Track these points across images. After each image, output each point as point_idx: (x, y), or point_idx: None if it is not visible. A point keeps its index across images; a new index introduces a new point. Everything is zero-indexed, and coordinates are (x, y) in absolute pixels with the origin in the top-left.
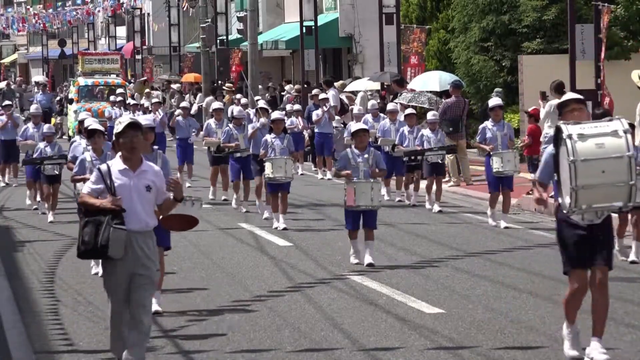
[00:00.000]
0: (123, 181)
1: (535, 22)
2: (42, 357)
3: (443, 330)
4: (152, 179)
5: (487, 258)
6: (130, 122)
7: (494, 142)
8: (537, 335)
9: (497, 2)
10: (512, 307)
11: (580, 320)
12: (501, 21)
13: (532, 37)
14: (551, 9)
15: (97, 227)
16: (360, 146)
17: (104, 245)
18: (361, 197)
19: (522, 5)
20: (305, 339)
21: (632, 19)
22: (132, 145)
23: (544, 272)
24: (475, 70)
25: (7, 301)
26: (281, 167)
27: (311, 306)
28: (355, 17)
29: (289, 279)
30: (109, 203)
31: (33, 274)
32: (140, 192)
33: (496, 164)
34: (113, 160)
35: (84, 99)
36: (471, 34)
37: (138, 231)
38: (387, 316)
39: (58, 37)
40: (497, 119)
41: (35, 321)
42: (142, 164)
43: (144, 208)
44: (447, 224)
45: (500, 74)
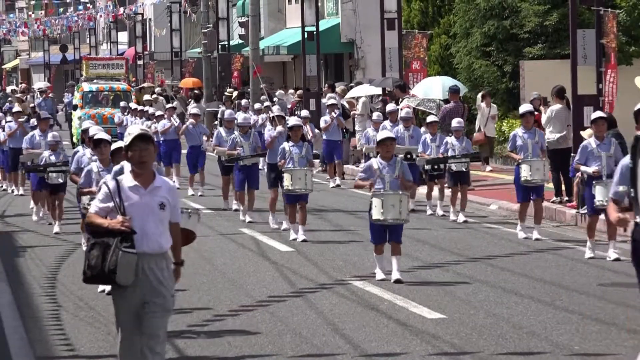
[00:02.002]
0: (134, 199)
1: (536, 28)
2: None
3: (444, 336)
4: (166, 196)
5: (488, 263)
6: (140, 133)
7: (524, 151)
8: (538, 341)
9: (498, 7)
10: (514, 313)
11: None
12: (503, 26)
13: (534, 43)
14: (553, 14)
15: (105, 250)
16: (387, 156)
17: (112, 270)
18: (390, 210)
19: (524, 11)
20: (307, 344)
21: (634, 24)
22: (141, 159)
23: (545, 277)
24: (477, 75)
25: (8, 306)
26: (301, 179)
27: (312, 311)
28: (356, 23)
29: (290, 284)
30: (118, 224)
31: (34, 280)
32: (153, 210)
33: (524, 172)
34: (123, 176)
35: (89, 105)
36: (473, 39)
37: (150, 254)
38: (388, 321)
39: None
40: (528, 126)
41: (37, 326)
42: (155, 180)
43: (157, 228)
44: (449, 229)
45: (502, 79)
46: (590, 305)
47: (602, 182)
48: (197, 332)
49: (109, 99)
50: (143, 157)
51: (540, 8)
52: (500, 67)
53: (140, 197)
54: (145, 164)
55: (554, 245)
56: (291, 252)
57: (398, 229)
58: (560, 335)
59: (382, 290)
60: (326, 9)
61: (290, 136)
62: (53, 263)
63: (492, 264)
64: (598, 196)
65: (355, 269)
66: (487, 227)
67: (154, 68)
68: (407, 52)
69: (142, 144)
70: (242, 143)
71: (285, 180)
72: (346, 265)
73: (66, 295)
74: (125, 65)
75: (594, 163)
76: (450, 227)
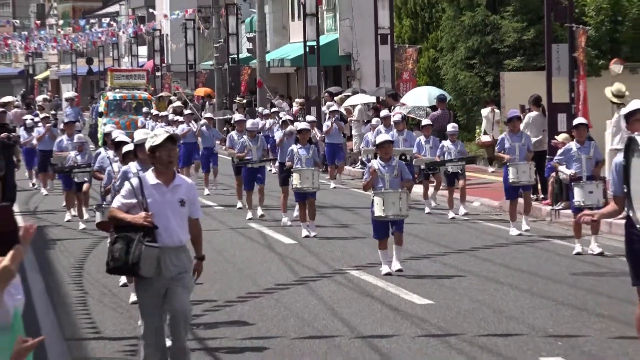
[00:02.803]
0: (156, 197)
1: (515, 42)
2: (71, 343)
3: (432, 320)
4: (186, 193)
5: (471, 255)
6: (170, 135)
7: (512, 153)
8: (516, 324)
9: (481, 24)
10: (494, 299)
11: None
12: (485, 41)
13: (513, 56)
14: (530, 30)
15: (128, 244)
16: (386, 157)
17: (135, 263)
18: (390, 207)
19: (504, 27)
20: (308, 328)
21: (602, 39)
22: (170, 159)
23: (523, 267)
24: (461, 85)
25: (40, 294)
26: (308, 178)
27: (314, 298)
28: (353, 38)
29: (293, 274)
30: (141, 219)
31: (63, 269)
32: (173, 207)
33: (512, 174)
34: (145, 174)
35: (113, 112)
36: (458, 52)
37: (171, 247)
38: (382, 307)
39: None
40: (515, 131)
41: (66, 311)
42: (176, 178)
43: (177, 224)
44: (437, 224)
45: (484, 89)
46: (563, 292)
47: (579, 183)
48: (209, 316)
49: (132, 107)
50: (171, 157)
51: (518, 25)
52: (483, 78)
53: (161, 195)
54: (172, 164)
55: (530, 239)
56: (294, 245)
57: (399, 223)
58: (536, 319)
59: (376, 278)
60: (326, 25)
61: (299, 139)
62: (80, 254)
63: (475, 255)
64: (576, 197)
65: (352, 259)
66: (470, 222)
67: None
68: (398, 65)
69: (171, 145)
70: (251, 146)
71: (294, 179)
72: (344, 257)
73: (92, 283)
74: (146, 76)
75: (574, 165)
76: (438, 222)
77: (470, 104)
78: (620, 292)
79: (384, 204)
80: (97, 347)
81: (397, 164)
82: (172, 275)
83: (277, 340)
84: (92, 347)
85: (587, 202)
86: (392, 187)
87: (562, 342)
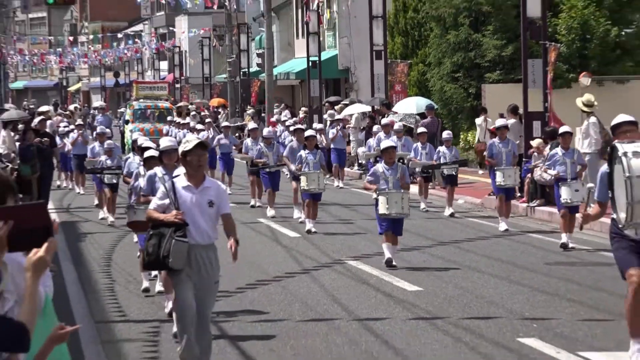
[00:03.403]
0: (187, 197)
1: (495, 58)
2: (101, 326)
3: (421, 304)
4: (214, 195)
5: (456, 246)
6: (201, 141)
7: (499, 158)
8: (496, 308)
9: (464, 41)
10: (477, 286)
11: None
12: (468, 57)
13: (493, 70)
14: (508, 47)
15: (160, 239)
16: (389, 161)
17: (166, 256)
18: (393, 206)
19: (485, 44)
20: (311, 311)
21: (573, 55)
22: (199, 163)
23: (502, 257)
24: (447, 96)
25: (73, 282)
26: (314, 181)
27: (316, 285)
28: (351, 54)
29: (298, 264)
30: (172, 216)
31: (94, 260)
32: (202, 207)
33: (499, 178)
34: (177, 177)
35: (138, 120)
36: (444, 67)
37: (201, 244)
38: (376, 293)
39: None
40: (502, 138)
41: (95, 297)
42: (205, 181)
43: (206, 222)
44: (425, 219)
45: (468, 99)
46: (538, 280)
47: (566, 183)
48: (222, 302)
49: (155, 115)
50: (201, 162)
51: (498, 42)
52: (466, 89)
53: (192, 196)
54: (201, 168)
55: (508, 232)
56: (299, 238)
57: (400, 222)
58: (514, 304)
59: (371, 267)
60: (326, 42)
61: (306, 145)
62: (108, 246)
63: (459, 247)
64: (563, 195)
65: (351, 251)
66: (455, 218)
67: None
68: (391, 77)
69: (200, 151)
70: (267, 153)
71: (302, 181)
72: (343, 248)
73: (119, 272)
74: (167, 87)
75: (560, 168)
76: (427, 218)
77: (455, 112)
78: (588, 280)
79: (387, 203)
80: (123, 329)
81: (399, 167)
82: (200, 271)
83: (283, 323)
84: (119, 329)
85: (574, 199)
86: (395, 188)
87: (537, 324)
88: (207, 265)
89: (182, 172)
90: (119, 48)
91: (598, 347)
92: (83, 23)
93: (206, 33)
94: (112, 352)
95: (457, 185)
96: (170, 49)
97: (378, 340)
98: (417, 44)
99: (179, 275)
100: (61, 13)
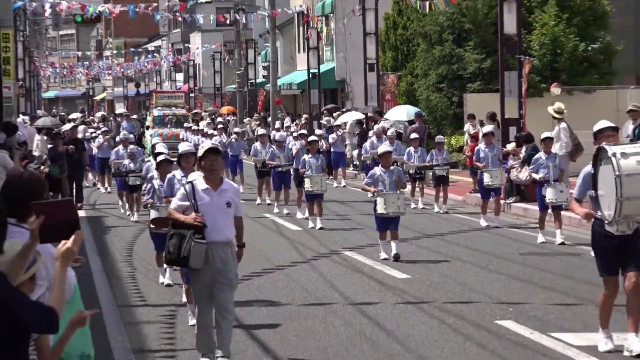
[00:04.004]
0: (206, 200)
1: (475, 70)
2: (123, 309)
3: (409, 290)
4: (232, 197)
5: (441, 239)
6: (211, 147)
7: (486, 161)
8: (477, 294)
9: (448, 55)
10: (459, 274)
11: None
12: (451, 69)
13: (474, 81)
14: (487, 60)
15: (181, 240)
16: (386, 165)
17: (186, 256)
18: (390, 205)
19: (466, 58)
20: (311, 297)
21: (545, 67)
22: (212, 167)
23: (481, 248)
24: (432, 104)
25: (98, 270)
26: (317, 183)
27: (315, 273)
28: (347, 67)
29: (299, 254)
30: (192, 219)
31: (117, 250)
32: (221, 208)
33: (486, 178)
34: (196, 180)
35: (157, 125)
36: (430, 78)
37: (219, 242)
38: (369, 280)
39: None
40: (488, 143)
41: (118, 284)
42: (223, 183)
43: (224, 222)
44: (413, 215)
45: (451, 107)
46: (513, 269)
47: (551, 184)
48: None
49: (172, 121)
50: (213, 166)
51: (478, 56)
52: (450, 98)
53: (210, 198)
54: (215, 171)
55: (487, 226)
56: (300, 231)
57: (397, 220)
58: (492, 290)
59: (365, 257)
60: (325, 56)
61: (309, 149)
62: (130, 239)
63: (443, 239)
64: (548, 195)
65: (346, 243)
66: (439, 213)
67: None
68: (382, 87)
69: (212, 155)
70: (278, 155)
71: (306, 183)
72: (339, 240)
73: (139, 261)
74: (184, 97)
75: (543, 171)
76: (414, 213)
77: (440, 119)
78: (558, 268)
79: (385, 203)
80: (143, 312)
81: (395, 170)
82: (218, 266)
83: (286, 307)
84: (140, 312)
85: (559, 199)
86: (392, 189)
87: (513, 308)
88: (224, 261)
89: (197, 176)
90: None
91: (567, 329)
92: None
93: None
94: (133, 333)
95: (448, 185)
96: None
97: (371, 322)
98: (406, 58)
99: (198, 273)
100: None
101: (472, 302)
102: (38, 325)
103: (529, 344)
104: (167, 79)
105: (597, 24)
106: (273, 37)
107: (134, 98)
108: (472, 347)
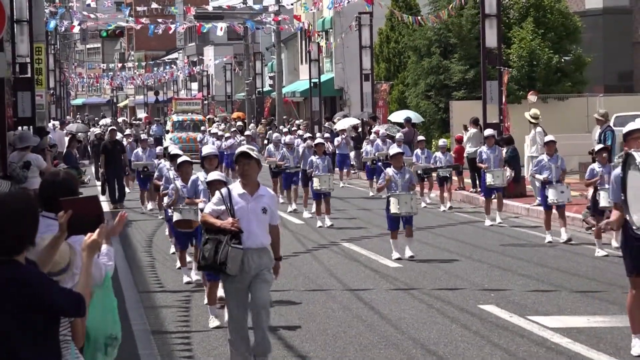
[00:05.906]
0: (242, 204)
1: (460, 80)
2: (143, 295)
3: (401, 278)
4: (268, 203)
5: (429, 231)
6: (242, 151)
7: (488, 162)
8: (461, 281)
9: (436, 66)
10: (445, 263)
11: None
12: (439, 79)
13: (459, 89)
14: (471, 71)
15: (217, 245)
16: (398, 166)
17: (223, 262)
18: (403, 206)
19: (452, 69)
20: (312, 283)
21: (522, 77)
22: (244, 172)
23: (467, 240)
24: (422, 110)
25: (121, 259)
26: (325, 182)
27: (316, 262)
28: (344, 76)
29: (302, 245)
30: (229, 225)
31: (137, 242)
32: (257, 214)
33: (489, 179)
34: (233, 185)
35: (177, 130)
36: (419, 87)
37: (254, 249)
38: (365, 269)
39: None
40: (490, 145)
41: (139, 272)
42: (259, 189)
43: (259, 228)
44: None
45: (438, 113)
46: (494, 258)
47: (552, 185)
48: None
49: (190, 126)
50: (245, 170)
51: (462, 67)
52: (437, 105)
53: (247, 203)
54: (248, 176)
55: (471, 220)
56: (302, 224)
57: (410, 219)
58: (476, 278)
59: (361, 248)
60: (325, 67)
61: (316, 151)
62: (149, 231)
63: (432, 232)
64: (550, 196)
65: (345, 235)
66: (428, 209)
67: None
68: (377, 95)
69: (244, 160)
70: (289, 156)
71: (314, 182)
72: (338, 233)
73: (158, 251)
74: (201, 103)
75: (545, 172)
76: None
77: (428, 124)
78: (535, 258)
79: (398, 203)
80: (161, 298)
81: (407, 172)
82: (253, 272)
83: (289, 293)
84: (158, 297)
85: (560, 199)
86: (404, 189)
87: (494, 294)
88: (260, 267)
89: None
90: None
91: (543, 312)
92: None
93: (229, 60)
94: (152, 316)
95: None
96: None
97: (366, 306)
98: (398, 69)
99: (233, 279)
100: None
101: (457, 288)
102: (67, 310)
103: (509, 326)
104: (183, 88)
105: (569, 38)
106: (278, 50)
107: (154, 105)
108: (458, 329)
